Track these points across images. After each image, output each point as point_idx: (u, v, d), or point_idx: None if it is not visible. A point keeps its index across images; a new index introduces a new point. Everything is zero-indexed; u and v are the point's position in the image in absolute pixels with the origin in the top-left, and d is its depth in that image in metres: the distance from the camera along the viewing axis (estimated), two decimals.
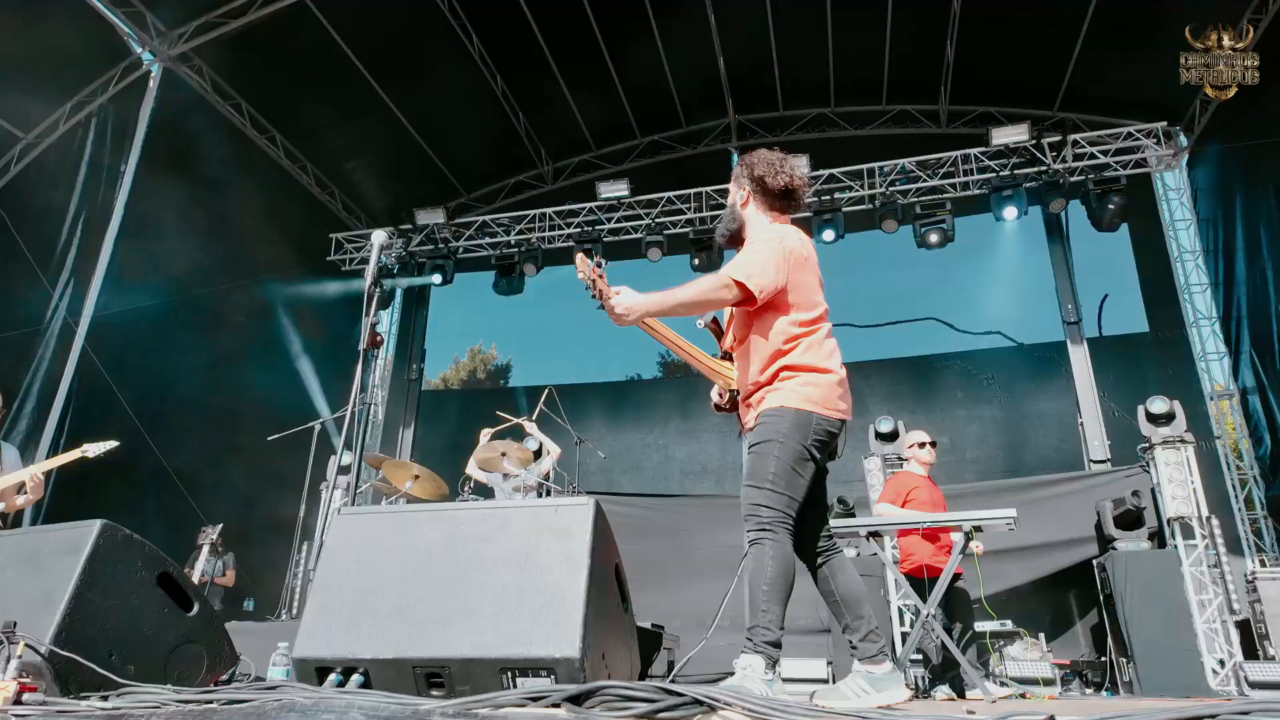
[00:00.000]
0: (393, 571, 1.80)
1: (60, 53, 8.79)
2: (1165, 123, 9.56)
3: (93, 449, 4.45)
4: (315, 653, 1.71)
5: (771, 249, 2.74)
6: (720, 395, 3.19)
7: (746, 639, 2.40)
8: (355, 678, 1.66)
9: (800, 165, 2.86)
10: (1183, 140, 10.02)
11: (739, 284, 2.60)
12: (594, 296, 2.50)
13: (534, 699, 1.38)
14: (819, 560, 2.84)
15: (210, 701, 1.43)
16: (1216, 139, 9.37)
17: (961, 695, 4.91)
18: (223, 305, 9.60)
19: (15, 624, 1.64)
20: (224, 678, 2.17)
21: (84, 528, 1.95)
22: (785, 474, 2.57)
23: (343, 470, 8.85)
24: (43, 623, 1.75)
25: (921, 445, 5.68)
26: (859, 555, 6.97)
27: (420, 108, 10.87)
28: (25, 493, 4.39)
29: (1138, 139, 9.49)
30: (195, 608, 2.12)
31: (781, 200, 2.95)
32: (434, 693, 1.63)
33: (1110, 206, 9.30)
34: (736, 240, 3.01)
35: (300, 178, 11.29)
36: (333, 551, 1.87)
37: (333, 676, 1.67)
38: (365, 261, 11.60)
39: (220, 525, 6.55)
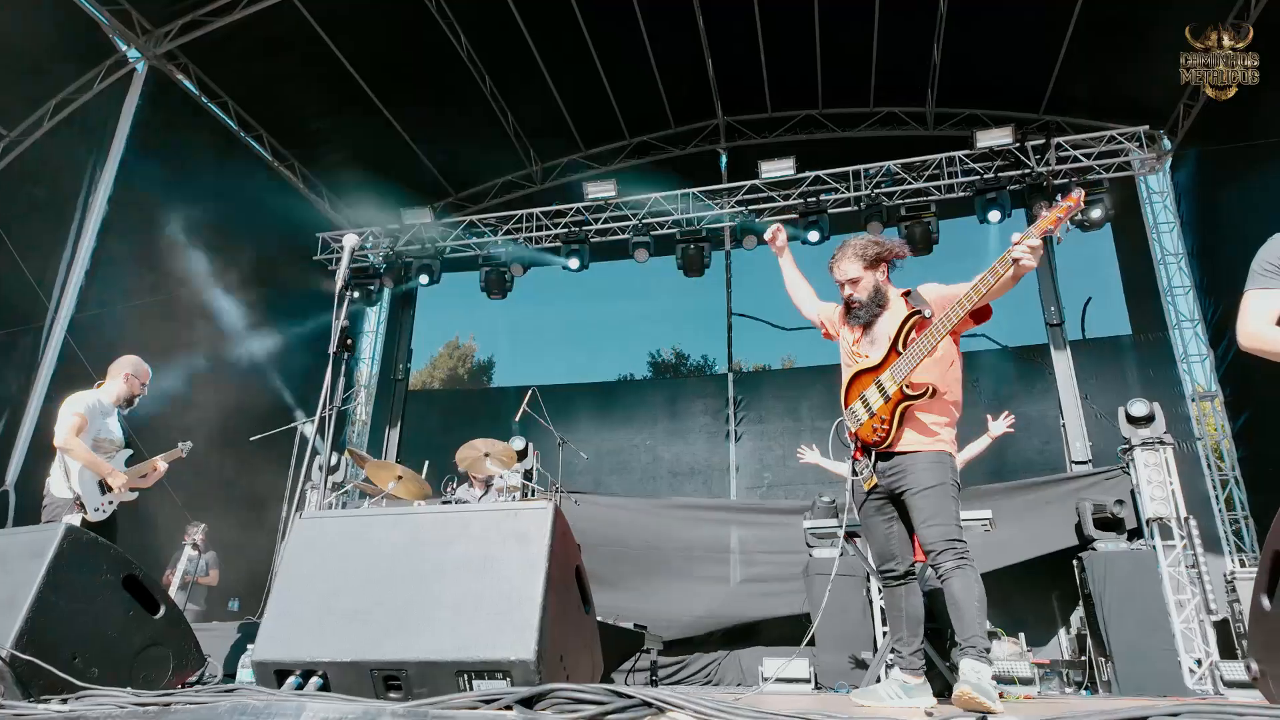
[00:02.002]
0: (353, 575, 1.81)
1: (44, 50, 8.74)
2: (1148, 126, 9.63)
3: (184, 447, 5.14)
4: (274, 655, 1.72)
5: None
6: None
7: (970, 647, 2.77)
8: (314, 680, 1.67)
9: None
10: (1166, 143, 10.10)
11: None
12: (1053, 228, 2.70)
13: (486, 701, 1.40)
14: (901, 582, 3.21)
15: (166, 704, 1.45)
16: (1200, 142, 9.44)
17: (939, 694, 4.93)
18: (209, 304, 9.56)
19: None
20: (192, 679, 2.18)
21: (48, 531, 1.96)
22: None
23: (328, 470, 8.88)
24: (4, 626, 1.75)
25: None
26: (843, 555, 7.02)
27: (408, 107, 10.87)
28: (148, 477, 4.89)
29: (1121, 142, 9.57)
30: (162, 610, 2.13)
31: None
32: (392, 695, 1.65)
33: (1094, 209, 9.37)
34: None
35: (287, 176, 11.27)
36: (294, 555, 1.88)
37: (291, 679, 1.68)
38: (352, 261, 11.59)
39: (203, 525, 6.53)
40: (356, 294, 11.60)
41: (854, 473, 3.16)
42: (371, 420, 12.39)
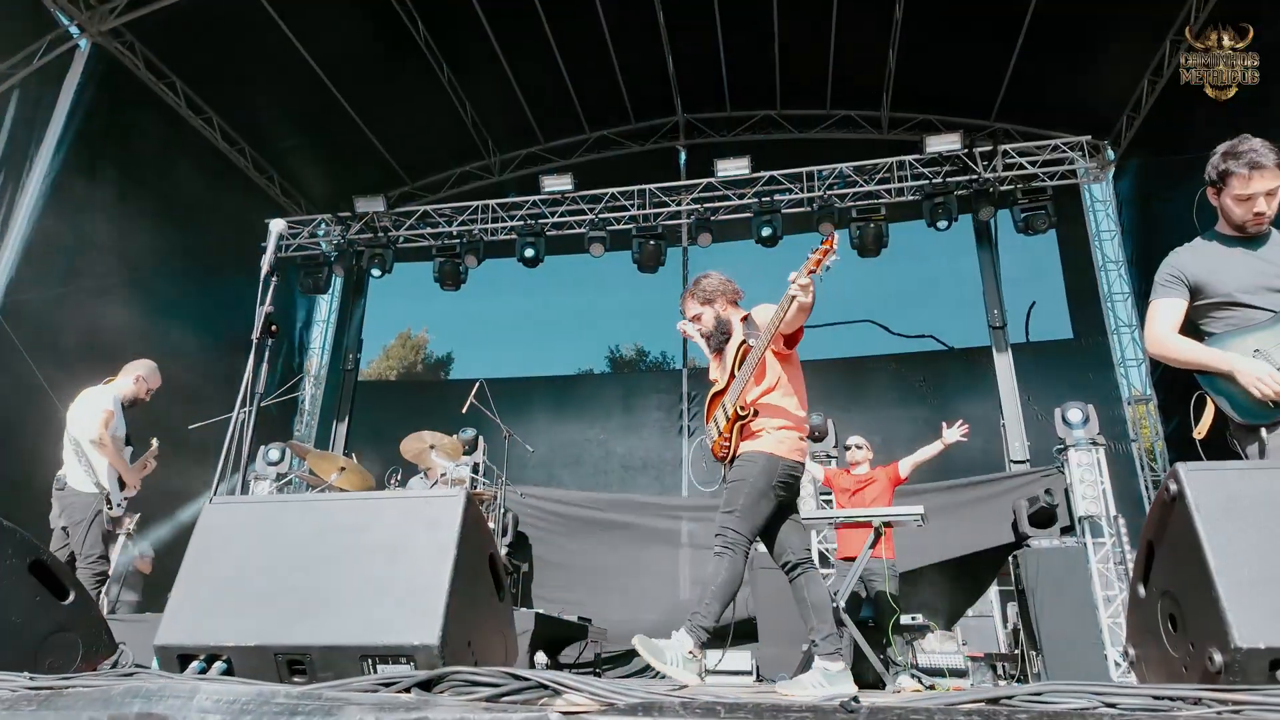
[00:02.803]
0: (261, 561, 1.81)
1: None
2: (1091, 136, 9.91)
3: (156, 445, 5.31)
4: (177, 640, 1.72)
5: None
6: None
7: (687, 620, 3.08)
8: (218, 665, 1.67)
9: None
10: (1110, 154, 10.41)
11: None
12: (815, 270, 3.00)
13: (385, 684, 1.42)
14: (797, 573, 3.36)
15: (62, 687, 1.43)
16: (1141, 153, 9.75)
17: (870, 685, 5.06)
18: (151, 289, 9.32)
19: None
20: (111, 664, 2.15)
21: None
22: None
23: (272, 463, 8.74)
24: None
25: (847, 448, 6.20)
26: None
27: (363, 93, 10.72)
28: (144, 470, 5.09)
29: (1066, 151, 9.83)
30: (71, 596, 2.10)
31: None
32: (296, 679, 1.65)
33: (1037, 216, 9.61)
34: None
35: (237, 160, 11.04)
36: (201, 540, 1.87)
37: (195, 664, 1.68)
38: (302, 249, 11.40)
39: (138, 514, 6.39)
40: (308, 282, 11.41)
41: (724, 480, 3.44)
42: (320, 412, 12.20)
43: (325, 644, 1.64)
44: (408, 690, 1.41)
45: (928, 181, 9.81)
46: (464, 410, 6.86)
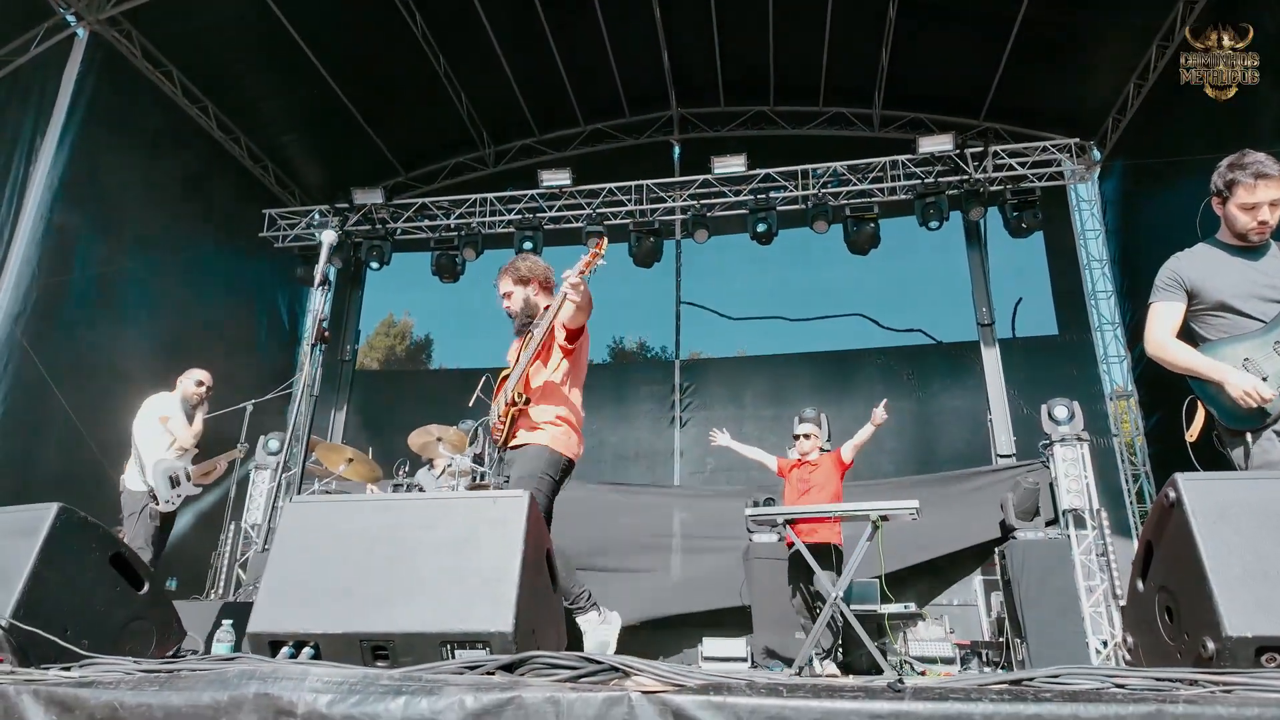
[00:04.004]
0: (341, 555, 1.95)
1: None
2: (1078, 139, 10.14)
3: (242, 448, 5.87)
4: (269, 628, 1.86)
5: None
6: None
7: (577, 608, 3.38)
8: (306, 650, 1.82)
9: None
10: (1096, 154, 10.65)
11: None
12: (585, 271, 3.17)
13: (471, 667, 1.57)
14: None
15: (173, 670, 1.57)
16: (1125, 155, 10.00)
17: (865, 672, 5.27)
18: (148, 280, 9.35)
19: None
20: (171, 653, 2.29)
21: (42, 510, 2.04)
22: None
23: (271, 452, 8.83)
24: (2, 599, 1.85)
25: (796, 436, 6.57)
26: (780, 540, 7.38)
27: (359, 84, 10.74)
28: (210, 475, 5.46)
29: (1053, 153, 10.05)
30: (145, 586, 2.23)
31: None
32: (379, 664, 1.80)
33: (1025, 216, 9.84)
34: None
35: (233, 150, 11.04)
36: (285, 536, 2.01)
37: (285, 649, 1.82)
38: (299, 239, 11.43)
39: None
40: (300, 273, 11.45)
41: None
42: (316, 403, 12.24)
43: (407, 631, 1.79)
44: (492, 673, 1.56)
45: (920, 181, 10.01)
46: (470, 403, 6.96)
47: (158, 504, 4.81)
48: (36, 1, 8.70)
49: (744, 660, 7.18)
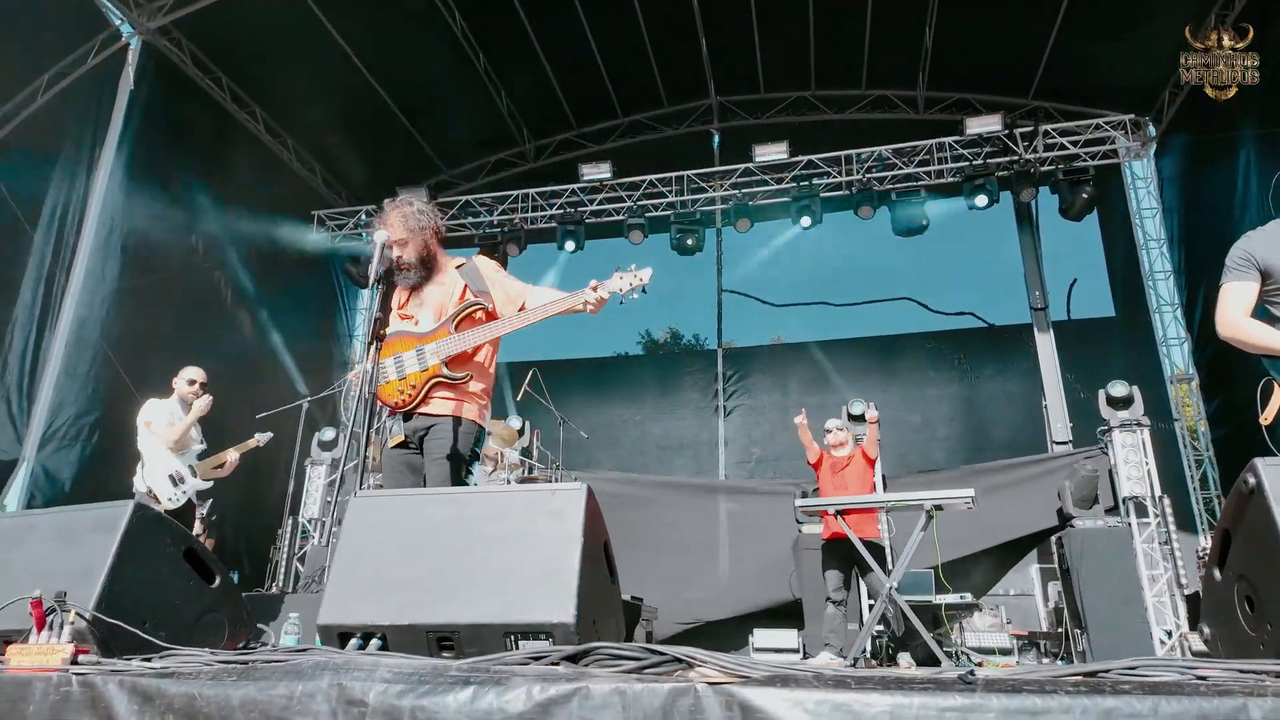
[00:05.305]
0: (406, 547, 1.99)
1: (36, 22, 8.70)
2: (1133, 115, 9.81)
3: (261, 437, 5.72)
4: (338, 620, 1.90)
5: None
6: None
7: None
8: (374, 641, 1.86)
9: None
10: (1151, 130, 10.29)
11: None
12: (622, 295, 2.99)
13: (536, 658, 1.58)
14: None
15: (248, 662, 1.62)
16: (1183, 130, 9.64)
17: (922, 663, 5.20)
18: (204, 283, 9.62)
19: (65, 594, 1.81)
20: (242, 644, 2.36)
21: (119, 507, 2.12)
22: None
23: (324, 446, 9.03)
24: (84, 593, 1.92)
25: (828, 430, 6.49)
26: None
27: (401, 84, 10.88)
28: (224, 467, 5.45)
29: (1106, 130, 9.75)
30: (217, 580, 2.30)
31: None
32: (445, 654, 1.83)
33: (1079, 196, 9.57)
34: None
35: (281, 153, 11.28)
36: (351, 530, 2.06)
37: (354, 640, 1.87)
38: (347, 238, 11.65)
39: (210, 500, 6.69)
40: (351, 270, 11.67)
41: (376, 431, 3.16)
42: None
43: (472, 622, 1.82)
44: (556, 663, 1.57)
45: (968, 163, 9.79)
46: (518, 398, 7.05)
47: (160, 504, 4.89)
48: (91, 13, 8.97)
49: (795, 651, 7.15)
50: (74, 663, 1.66)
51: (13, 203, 8.39)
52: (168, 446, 5.03)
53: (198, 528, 6.29)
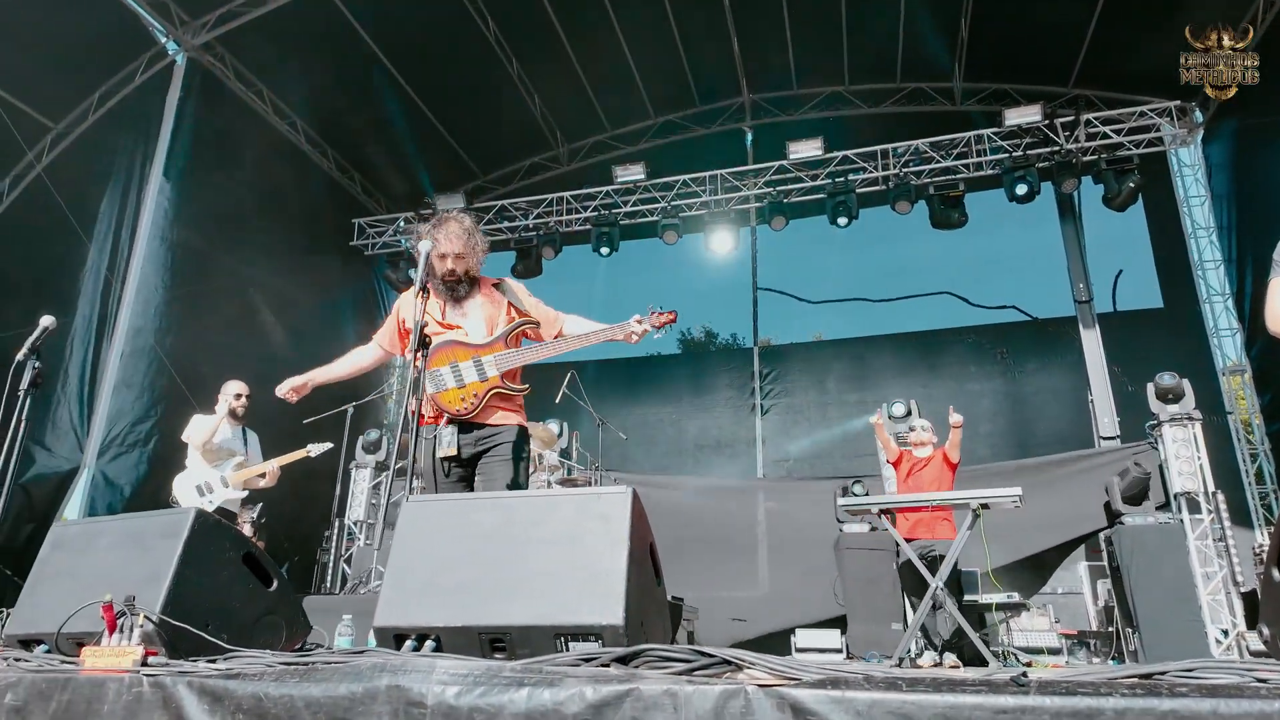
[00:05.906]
0: (457, 551, 2.04)
1: (85, 42, 9.00)
2: (1179, 101, 9.56)
3: (315, 449, 5.43)
4: (393, 622, 1.96)
5: None
6: None
7: None
8: (429, 643, 1.90)
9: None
10: (1198, 116, 10.01)
11: None
12: (658, 330, 3.25)
13: (587, 660, 1.61)
14: None
15: (309, 663, 1.67)
16: (1232, 115, 9.37)
17: (968, 663, 5.14)
18: (250, 291, 9.86)
19: (134, 597, 1.89)
20: (299, 646, 2.43)
21: (181, 514, 2.21)
22: None
23: (368, 448, 9.19)
24: (151, 597, 2.00)
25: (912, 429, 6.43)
26: (873, 530, 7.25)
27: (436, 91, 11.02)
28: (265, 478, 5.31)
29: (1151, 117, 9.51)
30: (275, 583, 2.38)
31: None
32: (497, 655, 1.87)
33: (1126, 185, 9.34)
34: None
35: (321, 163, 11.50)
36: (403, 534, 2.11)
37: (409, 642, 1.91)
38: (387, 246, 11.83)
39: (260, 504, 6.85)
40: (391, 277, 11.85)
41: (422, 437, 3.16)
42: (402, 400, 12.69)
43: (523, 624, 1.86)
44: (607, 665, 1.60)
45: (1007, 155, 9.62)
46: (557, 400, 7.11)
47: None
48: (138, 33, 9.25)
49: (838, 651, 7.10)
50: (145, 664, 1.73)
51: (72, 218, 8.69)
52: (196, 448, 5.10)
53: (248, 530, 6.44)
